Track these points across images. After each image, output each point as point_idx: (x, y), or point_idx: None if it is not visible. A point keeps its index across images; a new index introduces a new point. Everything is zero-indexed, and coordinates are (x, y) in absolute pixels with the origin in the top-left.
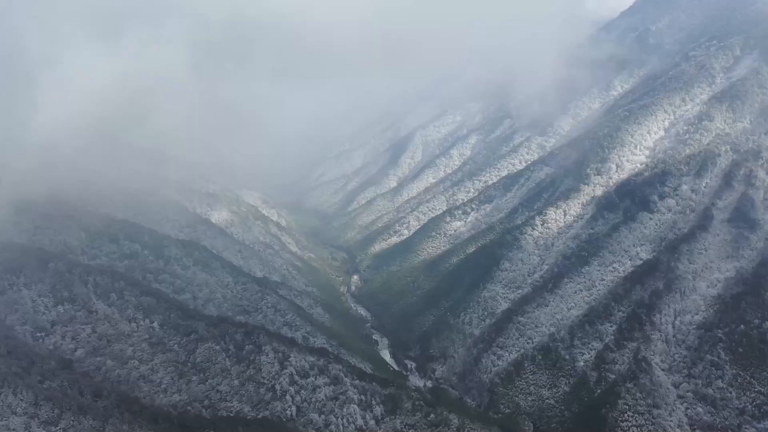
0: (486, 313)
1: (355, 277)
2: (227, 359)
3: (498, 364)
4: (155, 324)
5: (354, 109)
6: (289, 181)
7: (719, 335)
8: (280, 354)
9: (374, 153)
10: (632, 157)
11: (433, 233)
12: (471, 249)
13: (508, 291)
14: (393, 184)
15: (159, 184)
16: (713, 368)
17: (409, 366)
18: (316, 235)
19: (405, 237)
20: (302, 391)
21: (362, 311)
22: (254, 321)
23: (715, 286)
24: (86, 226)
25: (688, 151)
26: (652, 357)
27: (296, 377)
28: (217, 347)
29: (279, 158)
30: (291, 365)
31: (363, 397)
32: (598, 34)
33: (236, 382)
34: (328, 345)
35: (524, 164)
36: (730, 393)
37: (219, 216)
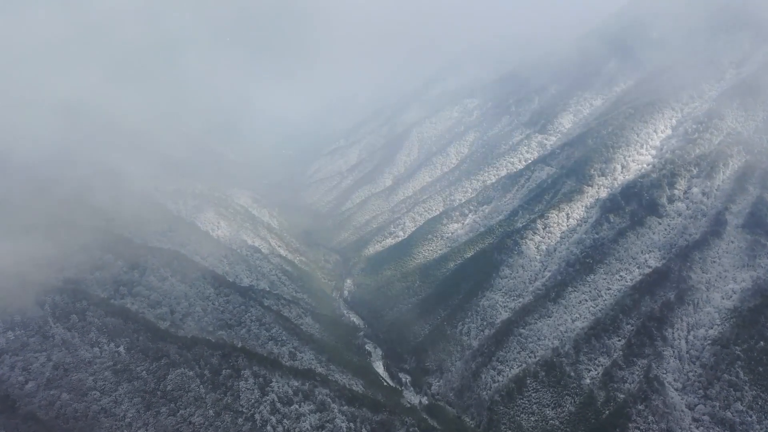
0: (485, 323)
1: (348, 281)
2: (201, 386)
3: (498, 380)
4: (121, 348)
5: (350, 104)
6: (282, 178)
7: (737, 352)
8: (261, 378)
9: (370, 149)
10: (638, 157)
11: (430, 236)
12: (469, 253)
13: (508, 299)
14: (388, 182)
15: (140, 185)
16: (731, 389)
17: (403, 380)
18: (309, 236)
19: (400, 239)
20: (285, 420)
21: (355, 318)
22: (237, 335)
23: (731, 297)
24: (53, 235)
25: (698, 151)
26: (664, 376)
27: (278, 404)
28: (191, 373)
29: (273, 154)
30: (273, 391)
31: (352, 425)
32: (599, 28)
33: (211, 412)
34: (316, 360)
35: (524, 163)
36: (751, 417)
37: (205, 218)
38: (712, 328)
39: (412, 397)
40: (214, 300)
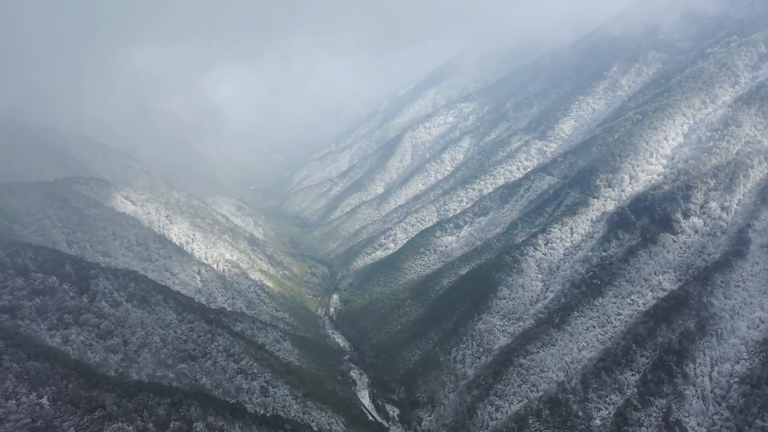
0: (481, 349)
1: (335, 297)
2: None
3: (496, 417)
4: (44, 399)
5: (343, 107)
6: (271, 184)
7: None
8: (218, 431)
9: (361, 155)
10: (648, 167)
11: (422, 249)
12: (464, 269)
13: (507, 323)
14: (380, 190)
15: (110, 192)
16: None
17: (391, 414)
18: (295, 246)
19: (391, 251)
20: None
21: (340, 340)
22: (201, 368)
23: (758, 327)
24: None
25: (714, 161)
26: (686, 419)
27: None
28: (131, 428)
29: (263, 158)
30: None
31: None
32: (602, 29)
33: None
34: (291, 396)
35: (523, 172)
36: None
37: (179, 230)
38: (738, 363)
39: None
40: (176, 327)
